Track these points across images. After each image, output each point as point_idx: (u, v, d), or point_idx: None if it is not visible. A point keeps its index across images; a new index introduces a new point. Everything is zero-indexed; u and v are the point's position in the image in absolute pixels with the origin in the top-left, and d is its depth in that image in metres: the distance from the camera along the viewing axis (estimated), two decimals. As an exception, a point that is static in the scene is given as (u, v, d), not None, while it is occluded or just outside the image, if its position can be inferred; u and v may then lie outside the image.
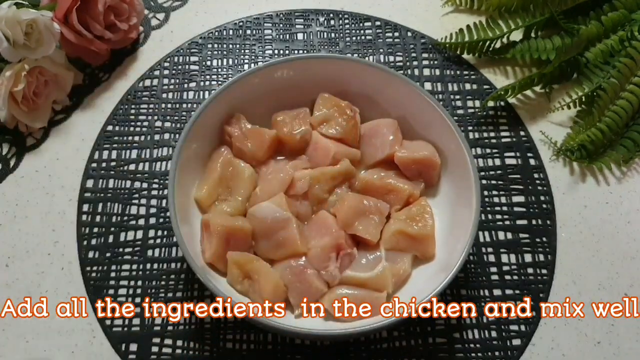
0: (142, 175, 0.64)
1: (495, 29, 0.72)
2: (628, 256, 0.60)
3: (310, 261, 0.54)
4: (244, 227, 0.54)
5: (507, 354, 0.55)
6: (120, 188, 0.63)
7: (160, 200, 0.62)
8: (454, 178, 0.58)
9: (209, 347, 0.55)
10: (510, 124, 0.68)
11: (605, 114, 0.65)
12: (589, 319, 0.57)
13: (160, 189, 0.63)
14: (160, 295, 0.57)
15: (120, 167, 0.64)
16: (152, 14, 0.76)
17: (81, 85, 0.69)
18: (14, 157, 0.65)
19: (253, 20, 0.75)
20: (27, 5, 0.63)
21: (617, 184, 0.65)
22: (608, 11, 0.70)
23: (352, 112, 0.61)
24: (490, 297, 0.58)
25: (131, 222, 0.61)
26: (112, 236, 0.60)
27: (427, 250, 0.56)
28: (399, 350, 0.55)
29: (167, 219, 0.61)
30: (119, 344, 0.55)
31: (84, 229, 0.60)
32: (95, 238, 0.60)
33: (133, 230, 0.61)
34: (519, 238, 0.61)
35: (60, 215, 0.61)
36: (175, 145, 0.60)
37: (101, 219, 0.61)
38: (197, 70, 0.71)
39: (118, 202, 0.62)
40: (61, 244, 0.60)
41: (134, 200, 0.62)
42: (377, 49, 0.73)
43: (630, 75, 0.64)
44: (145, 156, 0.65)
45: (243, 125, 0.60)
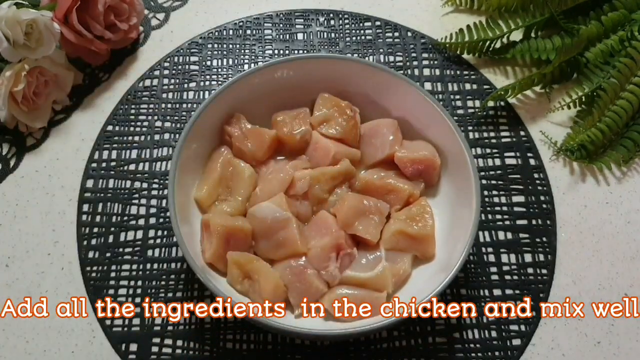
0: (142, 175, 0.64)
1: (495, 29, 0.72)
2: (628, 256, 0.60)
3: (310, 261, 0.54)
4: (244, 227, 0.54)
5: (507, 354, 0.55)
6: (120, 188, 0.63)
7: (160, 200, 0.62)
8: (454, 178, 0.58)
9: (209, 347, 0.55)
10: (510, 124, 0.68)
11: (605, 114, 0.65)
12: (589, 319, 0.57)
13: (160, 189, 0.63)
14: (160, 295, 0.57)
15: (120, 167, 0.64)
16: (152, 14, 0.76)
17: (81, 85, 0.70)
18: (14, 157, 0.65)
19: (253, 20, 0.75)
20: (27, 5, 0.63)
21: (617, 184, 0.65)
22: (608, 11, 0.70)
23: (352, 112, 0.61)
24: (490, 297, 0.58)
25: (131, 222, 0.61)
26: (112, 236, 0.60)
27: (427, 250, 0.56)
28: (399, 350, 0.55)
29: (167, 219, 0.61)
30: (119, 344, 0.55)
31: (84, 229, 0.60)
32: (95, 238, 0.60)
33: (133, 230, 0.61)
34: (519, 238, 0.61)
35: (60, 215, 0.61)
36: (175, 145, 0.60)
37: (101, 219, 0.61)
38: (197, 70, 0.71)
39: (118, 202, 0.62)
40: (61, 244, 0.60)
41: (134, 200, 0.62)
42: (377, 49, 0.73)
43: (630, 75, 0.64)
44: (145, 156, 0.65)
45: (243, 125, 0.60)
